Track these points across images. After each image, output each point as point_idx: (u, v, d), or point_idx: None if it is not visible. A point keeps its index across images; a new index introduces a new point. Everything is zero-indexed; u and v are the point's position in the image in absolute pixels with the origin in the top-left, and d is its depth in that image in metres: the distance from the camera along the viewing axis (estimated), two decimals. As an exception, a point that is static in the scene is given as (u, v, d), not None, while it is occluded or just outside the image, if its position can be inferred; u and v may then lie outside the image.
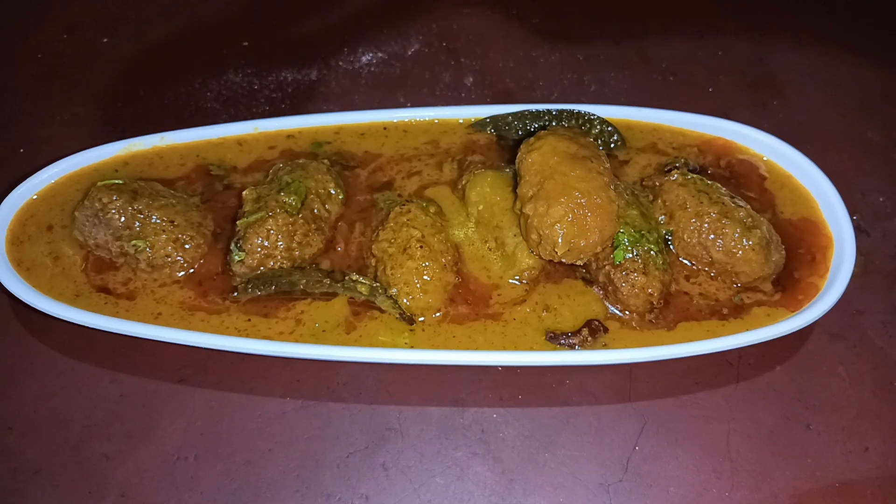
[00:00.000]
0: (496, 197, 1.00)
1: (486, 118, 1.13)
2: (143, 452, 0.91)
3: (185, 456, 0.91)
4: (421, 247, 0.95)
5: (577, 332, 0.95)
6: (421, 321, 0.96)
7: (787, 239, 1.02)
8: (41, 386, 0.96)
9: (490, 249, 1.01)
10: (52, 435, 0.93)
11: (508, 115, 1.12)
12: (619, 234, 0.97)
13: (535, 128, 1.11)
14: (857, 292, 1.05)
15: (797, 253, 1.02)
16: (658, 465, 0.91)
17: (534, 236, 0.93)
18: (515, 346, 0.94)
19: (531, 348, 0.94)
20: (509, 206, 0.99)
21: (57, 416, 0.94)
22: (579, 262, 0.95)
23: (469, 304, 0.97)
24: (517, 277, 0.99)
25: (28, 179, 1.04)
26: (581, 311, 0.98)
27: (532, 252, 0.96)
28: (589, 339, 0.95)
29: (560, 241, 0.91)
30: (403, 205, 1.00)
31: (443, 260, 0.96)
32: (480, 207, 1.01)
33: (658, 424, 0.94)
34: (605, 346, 0.94)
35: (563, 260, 0.93)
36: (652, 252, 0.97)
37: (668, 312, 0.98)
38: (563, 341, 0.95)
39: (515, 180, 1.00)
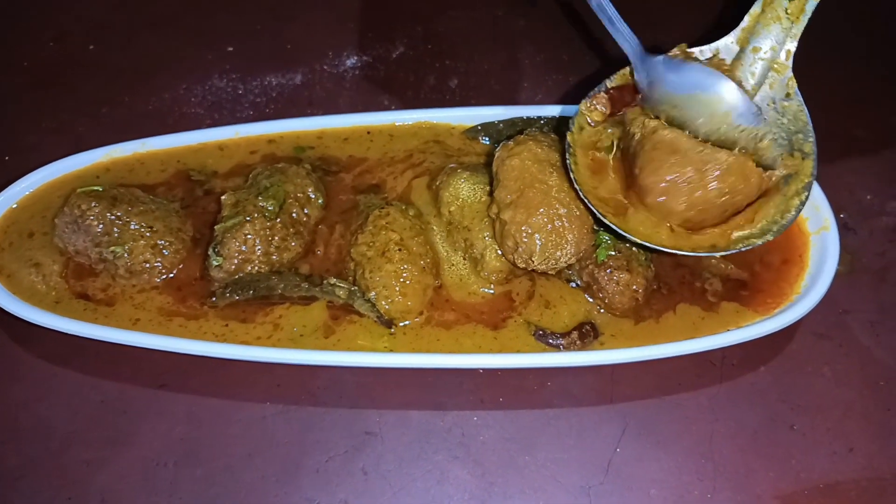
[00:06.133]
0: (468, 199, 1.00)
1: (478, 126, 1.12)
2: (124, 458, 0.91)
3: (165, 462, 0.91)
4: (399, 250, 0.95)
5: (566, 334, 0.95)
6: (403, 325, 0.95)
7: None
8: (23, 393, 0.96)
9: (459, 251, 1.01)
10: (33, 442, 0.93)
11: (499, 122, 1.11)
12: (600, 232, 0.96)
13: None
14: (844, 291, 1.04)
15: (768, 259, 1.01)
16: (639, 468, 0.91)
17: (510, 243, 0.92)
18: (503, 349, 0.94)
19: (521, 351, 0.94)
20: (481, 209, 0.99)
21: (39, 423, 0.94)
22: (551, 272, 0.95)
23: (455, 310, 0.97)
24: (490, 287, 0.99)
25: (9, 187, 1.04)
26: (580, 310, 0.97)
27: (505, 257, 0.96)
28: (578, 342, 0.94)
29: (537, 251, 0.91)
30: (382, 208, 0.99)
31: (422, 262, 0.96)
32: (452, 208, 1.00)
33: (640, 426, 0.93)
34: (602, 346, 0.94)
35: (536, 269, 0.93)
36: (633, 248, 0.97)
37: (656, 301, 0.98)
38: (551, 341, 0.94)
39: (491, 182, 0.99)
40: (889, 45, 1.34)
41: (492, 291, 0.99)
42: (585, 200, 0.91)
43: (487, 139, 1.12)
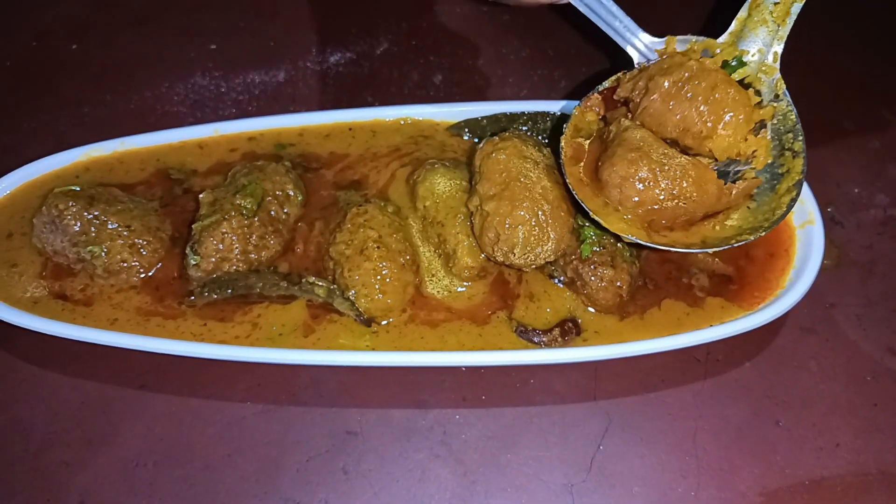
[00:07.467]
0: (444, 194, 0.99)
1: (461, 122, 1.11)
2: (103, 459, 0.91)
3: (145, 462, 0.91)
4: (378, 247, 0.94)
5: (548, 331, 0.94)
6: (385, 323, 0.95)
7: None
8: (2, 394, 0.95)
9: (433, 246, 1.00)
10: (12, 443, 0.92)
11: (483, 119, 1.11)
12: (585, 227, 0.95)
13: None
14: (831, 285, 1.03)
15: (754, 253, 1.00)
16: (622, 465, 0.90)
17: (491, 235, 0.91)
18: (487, 346, 0.93)
19: (504, 347, 0.93)
20: (455, 205, 0.98)
21: (18, 424, 0.94)
22: (526, 269, 0.94)
23: (438, 307, 0.97)
24: (462, 284, 0.98)
25: (-14, 190, 1.04)
26: (564, 306, 0.97)
27: (483, 250, 0.95)
28: (559, 339, 0.93)
29: (519, 243, 0.90)
30: (361, 205, 0.98)
31: (401, 260, 0.95)
32: (427, 203, 1.00)
33: (623, 423, 0.93)
34: (585, 342, 0.93)
35: (514, 263, 0.92)
36: (618, 244, 0.96)
37: (642, 297, 0.97)
38: (534, 339, 0.94)
39: (471, 178, 0.98)
40: (877, 35, 1.33)
41: (467, 286, 0.98)
42: (576, 196, 0.91)
43: (471, 136, 1.11)
